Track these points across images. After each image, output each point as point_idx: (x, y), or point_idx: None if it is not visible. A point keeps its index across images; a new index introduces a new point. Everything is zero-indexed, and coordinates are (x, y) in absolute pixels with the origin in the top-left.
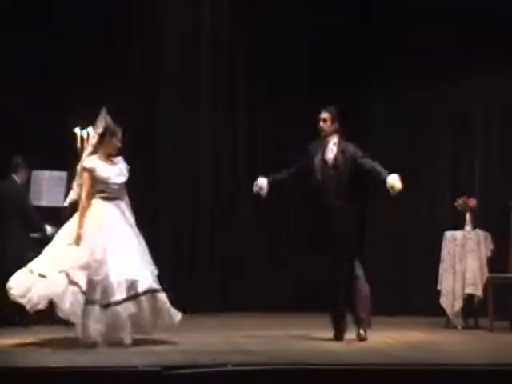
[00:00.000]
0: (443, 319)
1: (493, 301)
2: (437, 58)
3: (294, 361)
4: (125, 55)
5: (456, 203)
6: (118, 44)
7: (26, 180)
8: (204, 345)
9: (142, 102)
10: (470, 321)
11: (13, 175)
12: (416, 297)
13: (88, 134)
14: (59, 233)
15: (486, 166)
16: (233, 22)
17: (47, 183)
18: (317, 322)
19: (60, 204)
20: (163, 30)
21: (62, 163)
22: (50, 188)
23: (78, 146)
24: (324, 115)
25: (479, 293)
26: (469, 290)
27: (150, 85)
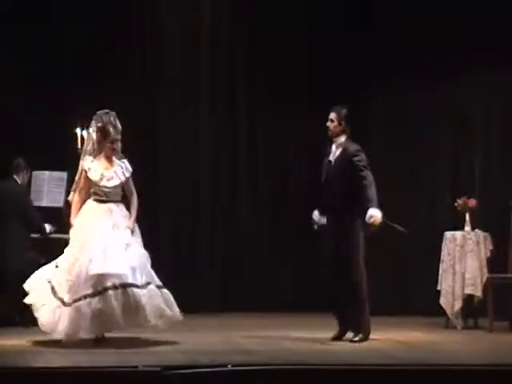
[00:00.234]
0: (443, 319)
1: (492, 301)
2: (437, 58)
3: (294, 361)
4: (125, 55)
5: (456, 203)
6: (117, 44)
7: (27, 181)
8: (204, 345)
9: (142, 102)
10: (470, 321)
11: (14, 176)
12: (416, 297)
13: (88, 133)
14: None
15: (485, 165)
16: (233, 22)
17: (47, 183)
18: (317, 322)
19: (60, 204)
20: (163, 30)
21: (62, 163)
22: (50, 188)
23: (79, 146)
24: (331, 115)
25: (479, 293)
26: (468, 291)
27: (149, 85)
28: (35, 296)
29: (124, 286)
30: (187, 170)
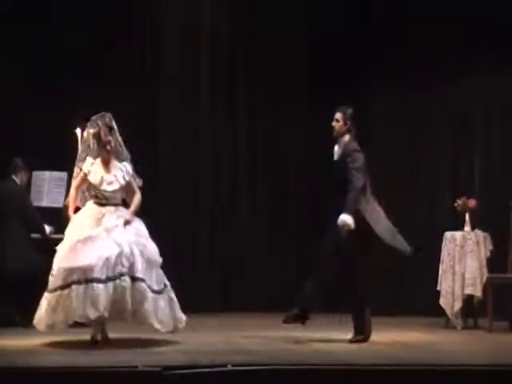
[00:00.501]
0: (443, 319)
1: (492, 301)
2: (437, 58)
3: (294, 361)
4: (125, 55)
5: (456, 203)
6: (117, 44)
7: (26, 181)
8: (204, 345)
9: (142, 102)
10: (470, 321)
11: (12, 176)
12: (416, 297)
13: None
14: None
15: (485, 165)
16: (233, 22)
17: (47, 183)
18: (317, 322)
19: (60, 204)
20: (163, 30)
21: (62, 163)
22: (50, 188)
23: (79, 146)
24: (336, 115)
25: (479, 293)
26: (468, 291)
27: (149, 85)
28: None
29: (87, 280)
30: (187, 170)
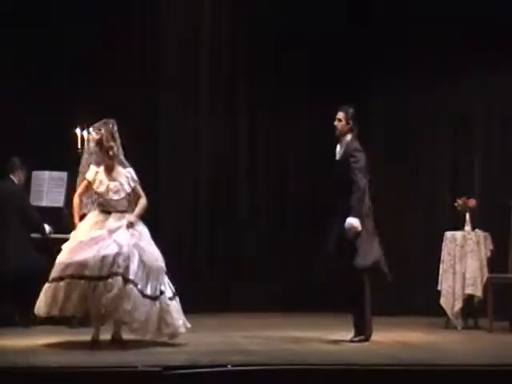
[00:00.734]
0: (443, 319)
1: (492, 301)
2: (437, 58)
3: (294, 361)
4: (125, 55)
5: (456, 203)
6: (117, 44)
7: (24, 180)
8: (204, 345)
9: (142, 102)
10: (470, 321)
11: (10, 176)
12: (416, 297)
13: (88, 134)
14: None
15: (485, 165)
16: (233, 22)
17: (47, 183)
18: (317, 322)
19: (60, 204)
20: (163, 30)
21: (62, 163)
22: (50, 188)
23: (79, 146)
24: (339, 115)
25: (479, 293)
26: (469, 291)
27: (149, 85)
28: None
29: (81, 277)
30: (187, 170)
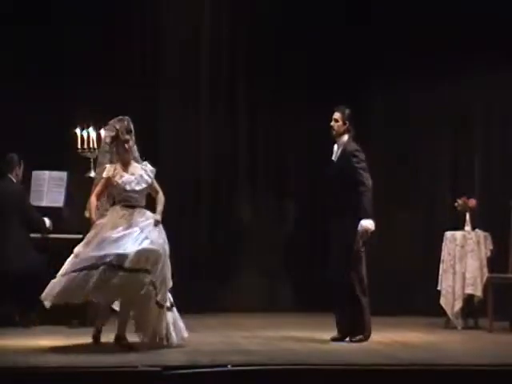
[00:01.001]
0: (443, 319)
1: (492, 301)
2: (437, 58)
3: (294, 361)
4: (125, 55)
5: (456, 203)
6: (118, 44)
7: (22, 176)
8: (204, 345)
9: (142, 102)
10: (470, 321)
11: (9, 175)
12: (416, 297)
13: (88, 134)
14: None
15: (485, 165)
16: (233, 22)
17: (47, 183)
18: (317, 322)
19: (60, 204)
20: (163, 29)
21: (62, 163)
22: (50, 188)
23: (79, 146)
24: (335, 115)
25: (479, 293)
26: (469, 291)
27: (149, 85)
28: None
29: (120, 267)
30: (187, 170)
